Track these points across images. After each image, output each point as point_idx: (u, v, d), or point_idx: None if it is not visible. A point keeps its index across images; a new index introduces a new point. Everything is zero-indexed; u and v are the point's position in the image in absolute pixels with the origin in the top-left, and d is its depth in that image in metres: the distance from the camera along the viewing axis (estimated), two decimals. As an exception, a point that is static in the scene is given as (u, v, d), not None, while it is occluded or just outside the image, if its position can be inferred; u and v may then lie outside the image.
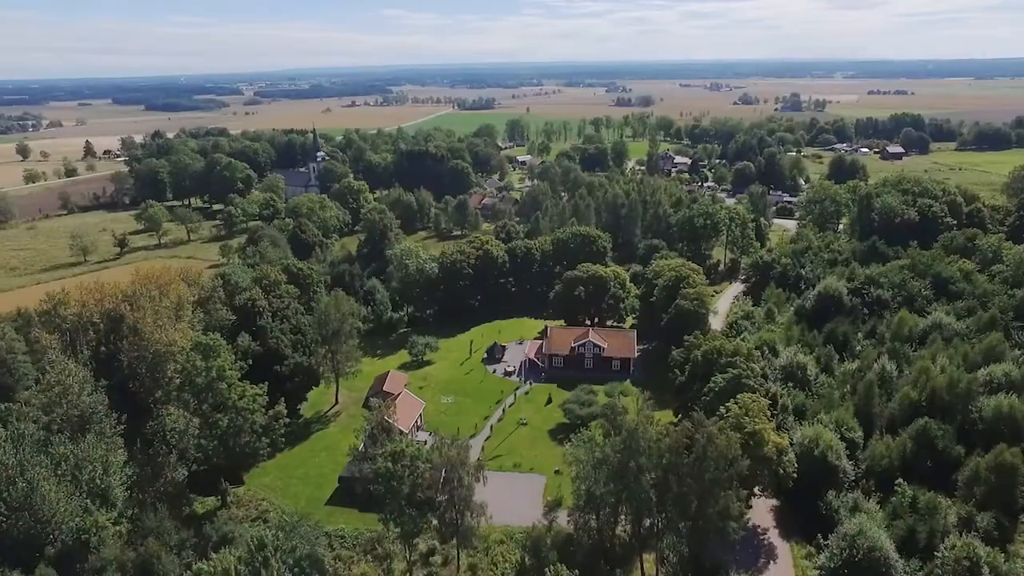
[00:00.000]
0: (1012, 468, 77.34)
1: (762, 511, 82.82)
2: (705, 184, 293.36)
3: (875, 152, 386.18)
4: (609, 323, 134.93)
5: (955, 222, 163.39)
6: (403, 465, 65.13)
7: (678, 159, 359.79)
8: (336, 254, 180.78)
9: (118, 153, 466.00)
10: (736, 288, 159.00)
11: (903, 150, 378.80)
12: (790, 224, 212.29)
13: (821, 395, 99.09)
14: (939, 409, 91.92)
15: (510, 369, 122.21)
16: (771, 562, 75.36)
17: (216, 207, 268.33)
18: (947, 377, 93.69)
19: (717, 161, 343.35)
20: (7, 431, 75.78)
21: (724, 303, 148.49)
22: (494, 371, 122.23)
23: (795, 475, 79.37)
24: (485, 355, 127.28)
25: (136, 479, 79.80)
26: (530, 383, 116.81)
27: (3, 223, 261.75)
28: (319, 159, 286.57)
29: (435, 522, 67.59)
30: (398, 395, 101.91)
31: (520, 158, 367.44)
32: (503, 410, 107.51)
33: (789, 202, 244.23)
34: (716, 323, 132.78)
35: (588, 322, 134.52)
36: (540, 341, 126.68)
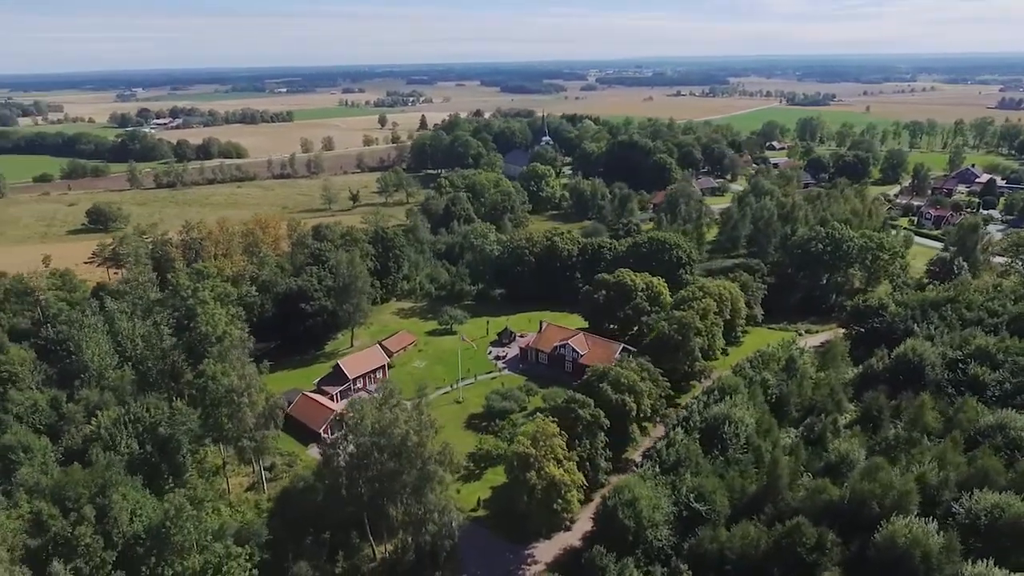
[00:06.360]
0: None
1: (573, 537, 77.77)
2: (980, 212, 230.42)
3: None
4: (635, 331, 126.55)
5: None
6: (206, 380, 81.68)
7: (983, 178, 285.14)
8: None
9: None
10: (836, 333, 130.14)
11: None
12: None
13: (729, 460, 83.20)
14: (864, 519, 71.21)
15: (502, 355, 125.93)
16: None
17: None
18: (900, 484, 71.53)
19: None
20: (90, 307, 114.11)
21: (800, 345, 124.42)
22: (490, 353, 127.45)
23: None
24: (495, 337, 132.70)
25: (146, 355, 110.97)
26: (504, 371, 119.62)
27: (315, 175, 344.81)
28: (542, 143, 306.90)
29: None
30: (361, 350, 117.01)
31: (773, 160, 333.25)
32: (452, 386, 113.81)
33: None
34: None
35: (617, 329, 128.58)
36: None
